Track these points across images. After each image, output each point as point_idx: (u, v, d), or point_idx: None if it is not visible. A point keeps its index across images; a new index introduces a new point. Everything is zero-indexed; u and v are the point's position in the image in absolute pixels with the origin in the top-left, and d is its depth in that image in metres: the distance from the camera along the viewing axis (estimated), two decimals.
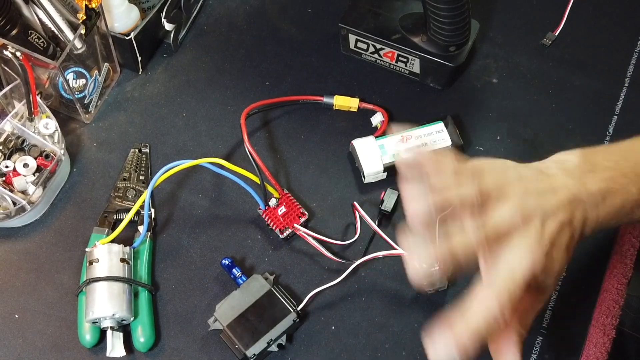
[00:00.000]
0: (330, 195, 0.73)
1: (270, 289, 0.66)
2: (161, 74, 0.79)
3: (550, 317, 0.67)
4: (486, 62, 0.80)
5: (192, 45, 0.81)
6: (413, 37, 0.75)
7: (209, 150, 0.75)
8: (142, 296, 0.66)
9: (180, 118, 0.77)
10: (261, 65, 0.80)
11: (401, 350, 0.66)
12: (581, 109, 0.77)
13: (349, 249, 0.70)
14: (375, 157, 0.72)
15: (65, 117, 0.76)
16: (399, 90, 0.79)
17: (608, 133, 0.76)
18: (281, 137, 0.76)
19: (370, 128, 0.76)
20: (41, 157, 0.71)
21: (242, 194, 0.70)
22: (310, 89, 0.78)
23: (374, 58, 0.79)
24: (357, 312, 0.67)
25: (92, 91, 0.75)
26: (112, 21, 0.74)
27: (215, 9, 0.84)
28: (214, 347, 0.66)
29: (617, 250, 0.69)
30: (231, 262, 0.68)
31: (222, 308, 0.65)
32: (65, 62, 0.71)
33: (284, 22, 0.83)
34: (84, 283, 0.64)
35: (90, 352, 0.65)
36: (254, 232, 0.71)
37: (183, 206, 0.72)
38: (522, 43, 0.81)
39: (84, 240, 0.69)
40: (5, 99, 0.72)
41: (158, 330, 0.66)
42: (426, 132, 0.73)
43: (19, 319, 0.67)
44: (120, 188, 0.72)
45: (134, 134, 0.76)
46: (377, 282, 0.69)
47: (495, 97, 0.78)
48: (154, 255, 0.70)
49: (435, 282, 0.66)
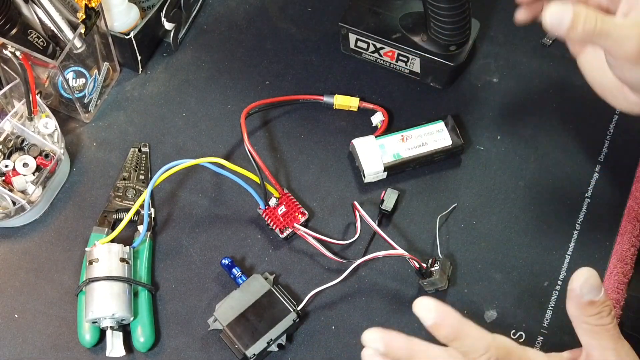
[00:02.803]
0: (330, 195, 0.73)
1: (270, 288, 0.66)
2: (161, 74, 0.79)
3: (551, 317, 0.67)
4: (486, 62, 0.80)
5: (192, 44, 0.81)
6: (413, 37, 0.75)
7: (209, 149, 0.75)
8: (142, 296, 0.66)
9: (180, 117, 0.77)
10: (261, 64, 0.80)
11: None
12: (582, 109, 0.77)
13: (349, 249, 0.70)
14: (375, 157, 0.72)
15: (64, 117, 0.76)
16: (399, 89, 0.79)
17: (609, 132, 0.76)
18: (281, 137, 0.76)
19: (370, 127, 0.76)
20: (41, 157, 0.70)
21: (242, 193, 0.70)
22: (310, 88, 0.78)
23: (374, 57, 0.78)
24: (357, 312, 0.67)
25: (92, 90, 0.75)
26: (112, 20, 0.74)
27: (215, 8, 0.83)
28: (213, 347, 0.66)
29: (617, 250, 0.69)
30: (231, 261, 0.68)
31: (222, 308, 0.65)
32: (64, 62, 0.71)
33: (284, 22, 0.83)
34: (84, 283, 0.64)
35: (90, 352, 0.65)
36: (254, 231, 0.71)
37: (183, 206, 0.72)
38: (522, 42, 0.81)
39: (84, 240, 0.69)
40: (5, 99, 0.72)
41: (158, 330, 0.66)
42: (426, 132, 0.73)
43: (18, 318, 0.67)
44: (120, 187, 0.72)
45: (134, 134, 0.76)
46: (377, 282, 0.69)
47: (495, 96, 0.78)
48: (154, 255, 0.69)
49: (435, 282, 0.66)
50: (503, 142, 0.76)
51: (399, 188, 0.72)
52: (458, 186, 0.73)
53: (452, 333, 0.47)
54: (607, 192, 0.73)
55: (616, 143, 0.75)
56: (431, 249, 0.70)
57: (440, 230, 0.71)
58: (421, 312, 0.47)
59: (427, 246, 0.70)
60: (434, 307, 0.47)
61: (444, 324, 0.47)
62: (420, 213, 0.72)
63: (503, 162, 0.75)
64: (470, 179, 0.74)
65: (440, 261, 0.67)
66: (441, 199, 0.73)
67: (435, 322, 0.47)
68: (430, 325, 0.47)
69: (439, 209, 0.72)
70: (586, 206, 0.72)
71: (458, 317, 0.48)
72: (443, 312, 0.47)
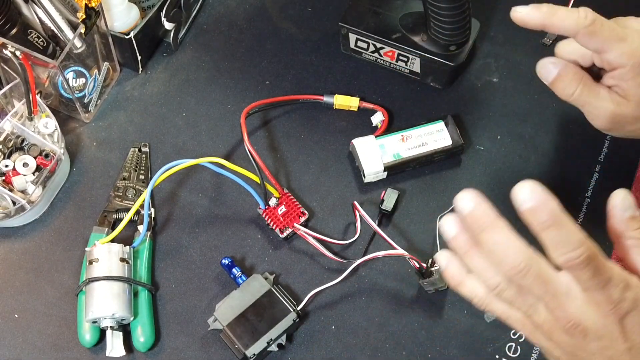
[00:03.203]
0: (330, 195, 0.73)
1: (270, 288, 0.66)
2: (161, 73, 0.79)
3: None
4: (487, 62, 0.80)
5: (192, 44, 0.81)
6: (413, 36, 0.75)
7: (209, 149, 0.75)
8: (142, 296, 0.66)
9: (180, 117, 0.77)
10: (261, 64, 0.80)
11: (401, 350, 0.66)
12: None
13: (349, 249, 0.70)
14: (375, 157, 0.72)
15: (64, 117, 0.76)
16: (399, 89, 0.79)
17: None
18: (281, 137, 0.76)
19: (370, 127, 0.76)
20: (41, 157, 0.70)
21: (242, 193, 0.70)
22: (310, 88, 0.78)
23: (374, 57, 0.78)
24: (357, 312, 0.67)
25: (92, 90, 0.75)
26: (112, 20, 0.74)
27: (215, 8, 0.83)
28: (213, 347, 0.66)
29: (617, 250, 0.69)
30: (231, 261, 0.68)
31: (222, 308, 0.65)
32: (64, 61, 0.70)
33: (284, 21, 0.83)
34: (84, 282, 0.64)
35: (90, 352, 0.65)
36: (254, 231, 0.71)
37: (183, 206, 0.72)
38: (522, 42, 0.81)
39: (84, 240, 0.69)
40: (5, 98, 0.72)
41: (158, 329, 0.66)
42: (426, 132, 0.73)
43: (18, 318, 0.67)
44: (120, 187, 0.72)
45: (134, 133, 0.76)
46: (377, 282, 0.69)
47: (495, 96, 0.78)
48: (154, 255, 0.69)
49: (435, 282, 0.66)
50: (503, 142, 0.76)
51: (399, 188, 0.72)
52: (458, 186, 0.73)
53: (550, 219, 0.43)
54: (607, 192, 0.72)
55: (616, 143, 0.75)
56: (431, 249, 0.70)
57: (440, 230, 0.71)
58: (521, 195, 0.43)
59: (427, 246, 0.70)
60: (536, 190, 0.43)
61: (544, 208, 0.43)
62: (420, 213, 0.72)
63: (503, 162, 0.75)
64: (470, 179, 0.74)
65: None
66: (441, 199, 0.73)
67: (534, 205, 0.42)
68: (528, 208, 0.43)
69: (439, 209, 0.72)
70: (586, 206, 0.72)
71: (558, 204, 0.43)
72: (545, 195, 0.43)
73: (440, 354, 0.66)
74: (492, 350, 0.66)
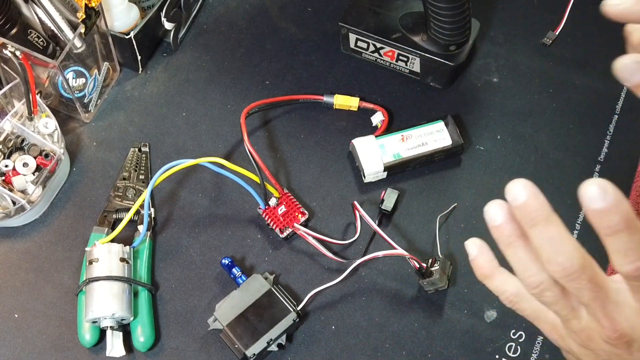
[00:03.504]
0: (330, 195, 0.73)
1: (270, 288, 0.66)
2: (161, 73, 0.79)
3: None
4: (487, 62, 0.80)
5: (192, 44, 0.81)
6: (413, 36, 0.75)
7: (209, 149, 0.75)
8: (142, 296, 0.66)
9: (180, 117, 0.77)
10: (261, 64, 0.80)
11: (401, 350, 0.66)
12: (582, 109, 0.77)
13: (349, 249, 0.70)
14: (375, 157, 0.72)
15: (64, 117, 0.76)
16: (399, 89, 0.79)
17: (608, 132, 0.76)
18: (281, 137, 0.76)
19: (370, 127, 0.76)
20: (41, 157, 0.70)
21: (242, 193, 0.70)
22: (310, 88, 0.78)
23: (374, 57, 0.78)
24: (357, 312, 0.67)
25: (92, 90, 0.75)
26: (112, 20, 0.74)
27: (215, 8, 0.83)
28: (213, 347, 0.66)
29: None
30: (231, 261, 0.68)
31: (222, 308, 0.65)
32: (64, 61, 0.70)
33: (284, 21, 0.83)
34: (84, 282, 0.64)
35: (90, 352, 0.65)
36: (253, 231, 0.71)
37: (183, 206, 0.72)
38: (522, 42, 0.81)
39: (84, 240, 0.69)
40: (5, 98, 0.72)
41: (158, 329, 0.66)
42: (426, 132, 0.73)
43: (18, 318, 0.67)
44: (120, 187, 0.72)
45: (134, 133, 0.76)
46: (377, 282, 0.69)
47: (495, 96, 0.78)
48: (154, 255, 0.69)
49: (435, 282, 0.66)
50: (503, 142, 0.76)
51: (399, 188, 0.72)
52: (458, 186, 0.73)
53: (623, 223, 0.37)
54: None
55: (616, 143, 0.75)
56: (431, 249, 0.70)
57: (440, 230, 0.71)
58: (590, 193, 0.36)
59: (427, 246, 0.70)
60: (609, 189, 0.36)
61: (617, 210, 0.36)
62: (420, 213, 0.72)
63: (503, 162, 0.75)
64: (470, 179, 0.74)
65: (440, 261, 0.67)
66: (441, 199, 0.73)
67: (606, 206, 0.36)
68: (598, 209, 0.36)
69: (439, 209, 0.72)
70: None
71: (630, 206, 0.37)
72: (619, 195, 0.36)
73: (440, 354, 0.66)
74: (492, 350, 0.66)
